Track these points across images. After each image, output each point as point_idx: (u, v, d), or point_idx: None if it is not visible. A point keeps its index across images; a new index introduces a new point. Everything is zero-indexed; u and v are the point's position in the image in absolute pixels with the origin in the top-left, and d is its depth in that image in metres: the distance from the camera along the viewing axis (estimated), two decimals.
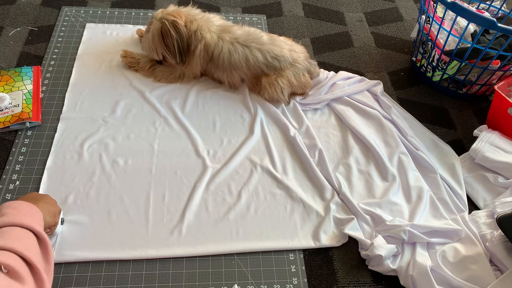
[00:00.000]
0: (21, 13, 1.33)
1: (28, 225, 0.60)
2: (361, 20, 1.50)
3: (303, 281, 0.86)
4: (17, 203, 0.64)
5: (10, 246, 0.56)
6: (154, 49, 1.11)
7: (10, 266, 0.53)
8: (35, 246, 0.59)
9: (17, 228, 0.59)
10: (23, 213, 0.62)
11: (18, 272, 0.54)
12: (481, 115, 1.24)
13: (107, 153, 1.01)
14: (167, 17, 1.07)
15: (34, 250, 0.58)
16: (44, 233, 0.62)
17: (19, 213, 0.62)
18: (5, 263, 0.53)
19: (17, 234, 0.58)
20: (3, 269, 0.53)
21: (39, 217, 0.65)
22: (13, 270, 0.53)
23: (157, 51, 1.12)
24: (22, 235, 0.59)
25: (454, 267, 0.85)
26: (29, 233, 0.60)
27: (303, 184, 1.01)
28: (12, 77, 1.12)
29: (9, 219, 0.60)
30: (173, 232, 0.89)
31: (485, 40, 1.16)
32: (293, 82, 1.12)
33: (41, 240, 0.61)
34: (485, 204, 1.01)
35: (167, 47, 1.09)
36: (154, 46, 1.11)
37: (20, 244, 0.57)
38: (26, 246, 0.57)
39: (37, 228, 0.62)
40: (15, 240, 0.57)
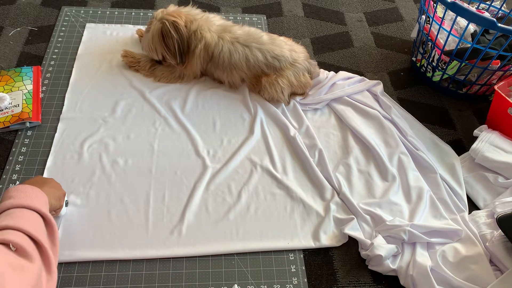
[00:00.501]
0: (21, 13, 1.33)
1: (35, 207, 0.62)
2: (361, 20, 1.50)
3: (303, 281, 0.86)
4: (24, 187, 0.66)
5: (19, 226, 0.57)
6: (154, 49, 1.11)
7: (18, 244, 0.55)
8: (41, 227, 0.61)
9: (24, 210, 0.61)
10: (30, 196, 0.64)
11: (26, 250, 0.55)
12: (481, 115, 1.24)
13: (107, 153, 1.01)
14: (167, 17, 1.07)
15: (41, 231, 0.60)
16: (50, 215, 0.64)
17: (26, 196, 0.63)
18: (14, 241, 0.55)
19: (24, 215, 0.60)
20: (12, 247, 0.55)
21: (45, 200, 0.67)
22: (21, 248, 0.55)
23: (156, 51, 1.12)
24: (29, 217, 0.61)
25: (454, 267, 0.85)
26: (36, 215, 0.62)
27: (303, 184, 1.01)
28: (12, 77, 1.12)
29: (17, 201, 0.62)
30: (173, 232, 0.89)
31: (485, 40, 1.16)
32: (293, 82, 1.12)
33: (47, 221, 0.63)
34: (485, 204, 1.01)
35: (167, 48, 1.09)
36: (153, 46, 1.11)
37: (28, 224, 0.58)
38: (34, 226, 0.59)
39: (44, 210, 0.63)
40: (23, 220, 0.59)
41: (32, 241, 0.58)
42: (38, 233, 0.59)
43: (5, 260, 0.52)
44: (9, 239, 0.55)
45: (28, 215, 0.61)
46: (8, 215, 0.60)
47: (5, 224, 0.58)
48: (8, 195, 0.64)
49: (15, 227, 0.57)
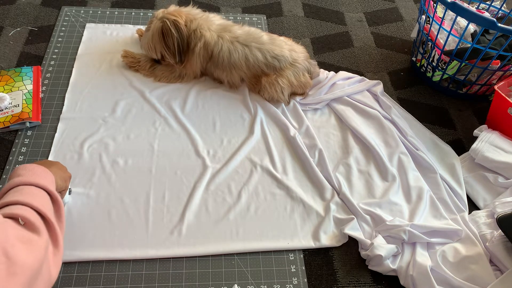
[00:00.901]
0: (21, 13, 1.33)
1: (42, 184, 0.64)
2: (361, 20, 1.50)
3: (303, 281, 0.86)
4: (32, 166, 0.68)
5: (27, 201, 0.59)
6: (153, 47, 1.11)
7: (27, 219, 0.57)
8: (49, 203, 0.63)
9: (32, 187, 0.63)
10: (38, 175, 0.66)
11: (34, 224, 0.57)
12: (481, 115, 1.24)
13: (107, 153, 1.01)
14: (168, 16, 1.07)
15: (48, 207, 0.62)
16: (56, 193, 0.66)
17: (34, 174, 0.65)
18: (23, 216, 0.57)
19: (33, 192, 0.62)
20: (21, 221, 0.57)
21: (52, 179, 0.69)
22: (29, 222, 0.57)
23: (155, 50, 1.12)
24: (37, 193, 0.63)
25: (454, 267, 0.85)
26: (43, 192, 0.64)
27: (303, 184, 1.01)
28: (12, 77, 1.12)
29: (25, 179, 0.64)
30: (173, 232, 0.89)
31: (485, 40, 1.16)
32: (293, 82, 1.12)
33: (54, 199, 0.65)
34: (485, 204, 1.01)
35: (167, 46, 1.09)
36: (153, 45, 1.11)
37: (36, 200, 0.61)
38: (41, 202, 0.61)
39: (51, 188, 0.65)
40: (31, 197, 0.61)
41: (39, 216, 0.60)
42: (45, 208, 0.61)
43: (14, 234, 0.54)
44: (18, 213, 0.57)
45: (36, 192, 0.63)
46: (17, 191, 0.62)
47: (14, 199, 0.60)
48: (17, 173, 0.66)
49: (23, 202, 0.59)
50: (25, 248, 0.53)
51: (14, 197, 0.60)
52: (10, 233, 0.53)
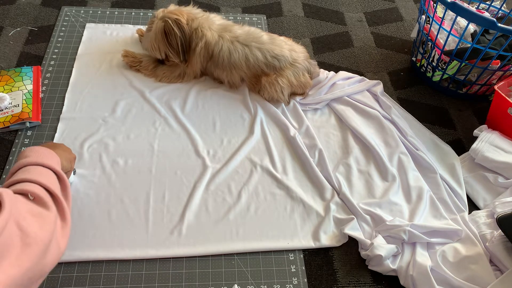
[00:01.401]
0: (21, 13, 1.33)
1: (49, 164, 0.68)
2: (361, 20, 1.50)
3: (303, 281, 0.86)
4: (38, 148, 0.71)
5: (35, 179, 0.63)
6: (157, 47, 1.11)
7: (36, 194, 0.60)
8: (55, 181, 0.67)
9: (39, 167, 0.67)
10: (44, 156, 0.69)
11: (43, 199, 0.61)
12: (481, 115, 1.24)
13: (107, 153, 1.01)
14: (170, 15, 1.07)
15: (55, 184, 0.66)
16: (62, 172, 0.69)
17: (40, 155, 0.69)
18: (32, 191, 0.60)
19: (40, 171, 0.66)
20: (30, 197, 0.61)
21: (57, 160, 0.72)
22: (38, 197, 0.60)
23: (159, 50, 1.12)
24: (44, 172, 0.66)
25: (454, 267, 0.85)
26: (50, 171, 0.67)
27: (303, 184, 1.01)
28: (12, 77, 1.12)
29: (32, 159, 0.67)
30: (173, 232, 0.89)
31: (485, 40, 1.16)
32: (293, 82, 1.12)
33: (60, 178, 0.68)
34: (485, 204, 1.01)
35: (170, 46, 1.09)
36: (156, 45, 1.11)
37: (43, 178, 0.64)
38: (48, 180, 0.65)
39: (57, 167, 0.69)
40: (39, 175, 0.64)
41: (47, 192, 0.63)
42: (52, 185, 0.64)
43: (25, 208, 0.57)
44: (27, 189, 0.60)
45: (43, 171, 0.66)
46: (25, 171, 0.65)
47: (23, 177, 0.63)
48: (24, 155, 0.69)
49: (32, 180, 0.63)
50: (36, 221, 0.56)
51: (23, 175, 0.64)
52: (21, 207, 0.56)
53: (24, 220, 0.54)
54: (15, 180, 0.63)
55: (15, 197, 0.56)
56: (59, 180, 0.68)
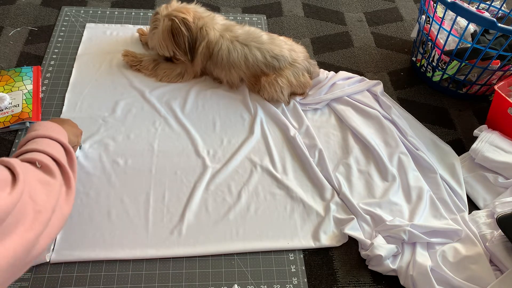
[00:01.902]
0: (21, 13, 1.33)
1: (56, 137, 0.72)
2: (361, 20, 1.50)
3: (303, 281, 0.86)
4: (46, 122, 0.76)
5: (43, 149, 0.67)
6: (165, 46, 1.11)
7: (43, 162, 0.64)
8: (62, 152, 0.71)
9: (47, 139, 0.70)
10: (52, 129, 0.74)
11: (50, 167, 0.64)
12: (481, 115, 1.24)
13: (107, 153, 1.01)
14: (176, 14, 1.07)
15: (61, 155, 0.69)
16: (69, 145, 0.73)
17: (48, 129, 0.73)
18: (39, 160, 0.64)
19: (47, 143, 0.70)
20: (38, 165, 0.64)
21: (64, 134, 0.76)
22: (46, 165, 0.64)
23: (167, 48, 1.12)
24: (51, 144, 0.70)
25: (454, 267, 0.85)
26: (57, 144, 0.71)
27: (303, 184, 1.01)
28: (12, 77, 1.12)
29: (40, 132, 0.71)
30: (173, 232, 0.89)
31: (485, 40, 1.16)
32: (292, 82, 1.12)
33: (66, 150, 0.72)
34: (485, 204, 1.01)
35: (177, 45, 1.09)
36: (164, 44, 1.11)
37: (50, 148, 0.68)
38: (55, 150, 0.69)
39: (64, 140, 0.73)
40: (46, 146, 0.68)
41: (54, 161, 0.66)
42: (59, 155, 0.68)
43: (34, 176, 0.60)
44: (35, 158, 0.64)
45: (50, 143, 0.70)
46: (33, 142, 0.69)
47: (31, 147, 0.67)
48: (33, 129, 0.73)
49: (39, 149, 0.66)
50: (43, 189, 0.60)
51: (31, 146, 0.68)
52: (31, 176, 0.59)
53: (34, 189, 0.57)
54: (24, 150, 0.67)
55: (25, 166, 0.60)
56: (66, 152, 0.72)
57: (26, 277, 0.80)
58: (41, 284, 0.80)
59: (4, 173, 0.54)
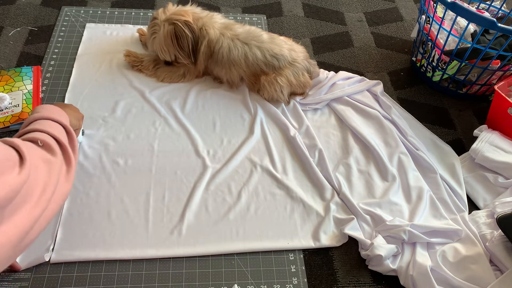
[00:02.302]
0: (21, 13, 1.33)
1: (58, 119, 0.74)
2: (361, 20, 1.50)
3: (303, 281, 0.86)
4: (48, 105, 0.78)
5: (44, 129, 0.69)
6: (167, 50, 1.11)
7: (45, 141, 0.66)
8: (63, 133, 0.73)
9: (49, 121, 0.73)
10: (53, 112, 0.76)
11: (51, 146, 0.67)
12: (481, 115, 1.24)
13: (107, 153, 1.01)
14: (178, 17, 1.07)
15: (62, 135, 0.72)
16: (70, 126, 0.75)
17: (50, 111, 0.75)
18: (41, 139, 0.66)
19: (49, 124, 0.72)
20: (40, 143, 0.66)
21: (66, 116, 0.78)
22: (47, 144, 0.66)
23: (169, 53, 1.12)
24: (53, 125, 0.72)
25: (454, 267, 0.85)
26: (59, 125, 0.73)
27: (303, 184, 1.01)
28: (12, 77, 1.12)
29: (42, 114, 0.74)
30: (173, 232, 0.89)
31: (485, 40, 1.16)
32: (292, 81, 1.12)
33: (67, 131, 0.74)
34: (485, 204, 1.01)
35: (181, 48, 1.09)
36: (166, 49, 1.11)
37: (52, 129, 0.70)
38: (57, 131, 0.71)
39: (65, 122, 0.75)
40: (48, 127, 0.70)
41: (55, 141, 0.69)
42: (60, 135, 0.70)
43: (37, 155, 0.62)
44: (37, 137, 0.66)
45: (52, 124, 0.72)
46: (36, 123, 0.71)
47: (33, 127, 0.70)
48: (36, 111, 0.76)
49: (41, 129, 0.69)
50: (46, 167, 0.62)
51: (33, 126, 0.70)
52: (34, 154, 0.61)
53: (38, 168, 0.59)
54: (26, 130, 0.70)
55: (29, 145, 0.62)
56: (67, 133, 0.74)
57: (26, 277, 0.80)
58: (41, 284, 0.80)
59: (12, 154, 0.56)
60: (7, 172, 0.52)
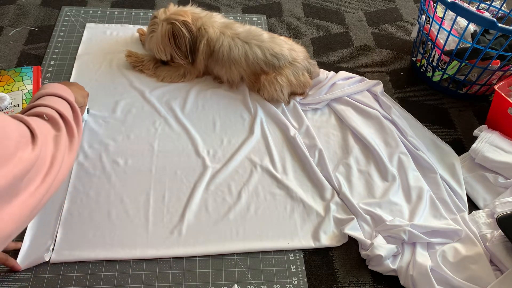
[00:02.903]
0: (21, 13, 1.33)
1: (63, 95, 0.76)
2: (361, 20, 1.50)
3: (303, 281, 0.86)
4: (54, 83, 0.81)
5: (50, 104, 0.72)
6: (163, 49, 1.11)
7: (50, 115, 0.69)
8: (68, 108, 0.75)
9: (54, 97, 0.75)
10: (59, 89, 0.78)
11: (56, 120, 0.69)
12: (481, 115, 1.24)
13: (107, 153, 1.01)
14: (176, 17, 1.07)
15: (67, 111, 0.74)
16: (75, 103, 0.78)
17: (56, 88, 0.78)
18: (46, 113, 0.69)
19: (54, 100, 0.74)
20: (45, 117, 0.69)
21: (71, 94, 0.81)
22: (52, 118, 0.69)
23: (165, 52, 1.12)
24: (58, 101, 0.75)
25: (454, 267, 0.85)
26: (64, 101, 0.76)
27: (303, 184, 1.01)
28: (12, 77, 1.12)
29: (48, 91, 0.76)
30: (173, 232, 0.89)
31: (485, 40, 1.16)
32: (292, 81, 1.12)
33: (72, 107, 0.77)
34: (485, 204, 1.01)
35: (178, 48, 1.10)
36: (162, 47, 1.11)
37: (57, 104, 0.72)
38: (61, 106, 0.73)
39: (70, 98, 0.77)
40: (53, 102, 0.73)
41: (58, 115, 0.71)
42: (64, 110, 0.72)
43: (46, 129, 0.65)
44: (42, 111, 0.69)
45: (57, 100, 0.75)
46: (42, 99, 0.74)
47: (39, 103, 0.72)
48: (42, 88, 0.78)
49: (46, 105, 0.71)
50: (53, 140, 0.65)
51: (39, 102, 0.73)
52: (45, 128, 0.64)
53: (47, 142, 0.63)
54: (33, 105, 0.72)
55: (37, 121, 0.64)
56: (72, 108, 0.76)
57: (26, 277, 0.80)
58: (41, 284, 0.80)
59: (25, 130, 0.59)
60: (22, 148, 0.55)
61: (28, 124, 0.60)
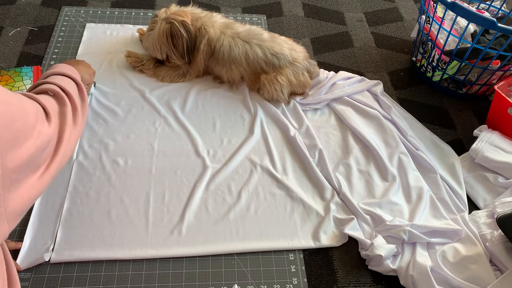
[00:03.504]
0: (21, 13, 1.33)
1: (69, 74, 0.79)
2: (361, 20, 1.50)
3: (303, 281, 0.86)
4: (61, 64, 0.84)
5: (55, 82, 0.74)
6: (158, 48, 1.11)
7: (55, 91, 0.72)
8: (74, 87, 0.78)
9: (60, 76, 0.78)
10: (66, 68, 0.81)
11: (61, 95, 0.71)
12: (481, 115, 1.24)
13: (107, 153, 1.01)
14: (175, 17, 1.07)
15: (73, 89, 0.76)
16: (80, 81, 0.81)
17: (63, 68, 0.81)
18: (52, 89, 0.72)
19: (61, 78, 0.77)
20: (50, 93, 0.71)
21: (77, 73, 0.84)
22: (57, 94, 0.71)
23: (161, 51, 1.12)
24: (65, 80, 0.77)
25: (454, 267, 0.85)
26: (70, 79, 0.79)
27: (303, 184, 1.01)
28: (12, 77, 1.12)
29: (55, 70, 0.80)
30: (173, 232, 0.89)
31: (485, 40, 1.16)
32: (292, 81, 1.12)
33: (78, 85, 0.79)
34: (485, 204, 1.01)
35: (175, 48, 1.10)
36: (158, 46, 1.11)
37: (63, 83, 0.75)
38: (67, 84, 0.76)
39: (76, 77, 0.80)
40: (59, 80, 0.76)
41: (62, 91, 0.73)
42: (70, 88, 0.75)
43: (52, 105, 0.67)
44: (48, 88, 0.72)
45: (64, 78, 0.78)
46: (49, 78, 0.77)
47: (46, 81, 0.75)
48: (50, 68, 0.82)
49: (53, 82, 0.74)
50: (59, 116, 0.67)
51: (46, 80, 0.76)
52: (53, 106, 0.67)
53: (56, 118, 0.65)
54: (40, 82, 0.75)
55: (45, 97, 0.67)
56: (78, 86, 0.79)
57: (26, 277, 0.80)
58: (41, 284, 0.80)
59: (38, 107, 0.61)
60: (40, 123, 0.58)
61: (39, 101, 0.63)
